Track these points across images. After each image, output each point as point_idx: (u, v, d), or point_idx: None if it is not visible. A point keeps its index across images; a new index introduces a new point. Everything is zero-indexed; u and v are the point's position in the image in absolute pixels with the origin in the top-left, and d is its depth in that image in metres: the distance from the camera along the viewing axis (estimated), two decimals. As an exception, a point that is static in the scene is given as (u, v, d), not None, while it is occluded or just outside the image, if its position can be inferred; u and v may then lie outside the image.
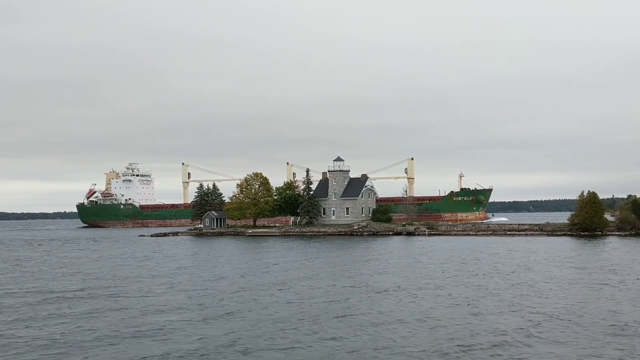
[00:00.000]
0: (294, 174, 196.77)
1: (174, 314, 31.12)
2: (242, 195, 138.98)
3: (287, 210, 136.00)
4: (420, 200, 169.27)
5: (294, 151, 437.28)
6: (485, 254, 64.75)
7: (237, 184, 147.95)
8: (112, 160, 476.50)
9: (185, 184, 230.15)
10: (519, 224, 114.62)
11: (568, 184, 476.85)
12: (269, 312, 31.29)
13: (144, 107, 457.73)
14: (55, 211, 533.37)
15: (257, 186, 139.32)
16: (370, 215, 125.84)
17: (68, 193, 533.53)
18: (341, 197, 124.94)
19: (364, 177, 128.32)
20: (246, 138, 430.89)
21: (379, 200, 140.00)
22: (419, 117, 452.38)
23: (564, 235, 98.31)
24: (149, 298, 36.72)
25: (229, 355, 22.63)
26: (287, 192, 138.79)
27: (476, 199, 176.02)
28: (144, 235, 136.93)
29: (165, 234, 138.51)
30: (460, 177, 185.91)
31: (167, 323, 28.53)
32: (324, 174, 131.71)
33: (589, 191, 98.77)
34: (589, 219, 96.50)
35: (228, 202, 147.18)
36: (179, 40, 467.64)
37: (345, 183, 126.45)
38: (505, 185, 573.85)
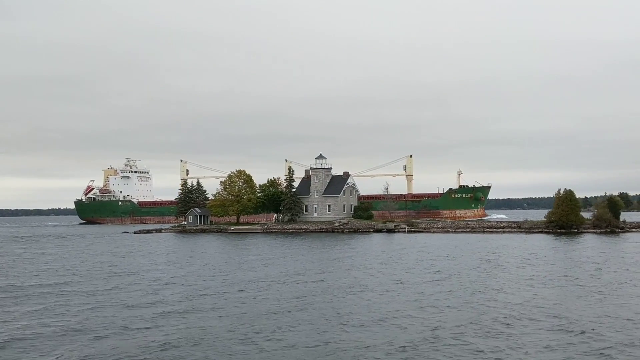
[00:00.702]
0: (293, 171, 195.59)
1: (135, 309, 31.59)
2: (225, 193, 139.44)
3: (270, 207, 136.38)
4: (419, 198, 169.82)
5: (293, 148, 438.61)
6: (457, 251, 65.58)
7: (221, 182, 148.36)
8: (106, 157, 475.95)
9: (184, 180, 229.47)
10: (497, 222, 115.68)
11: (563, 182, 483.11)
12: (222, 310, 31.79)
13: (139, 103, 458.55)
14: (50, 207, 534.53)
15: (240, 183, 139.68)
16: (351, 212, 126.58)
17: (62, 190, 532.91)
18: (323, 194, 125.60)
19: (346, 175, 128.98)
20: (244, 135, 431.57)
21: (361, 198, 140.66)
22: (414, 115, 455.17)
23: (541, 232, 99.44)
24: (105, 295, 37.16)
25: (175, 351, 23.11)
26: (271, 189, 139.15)
27: (475, 196, 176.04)
28: (128, 232, 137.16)
29: (148, 231, 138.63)
30: (459, 174, 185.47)
31: (128, 318, 29.02)
32: (306, 171, 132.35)
33: (565, 189, 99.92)
34: (565, 216, 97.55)
35: (211, 199, 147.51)
36: (173, 36, 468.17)
37: (327, 180, 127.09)
38: (499, 183, 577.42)
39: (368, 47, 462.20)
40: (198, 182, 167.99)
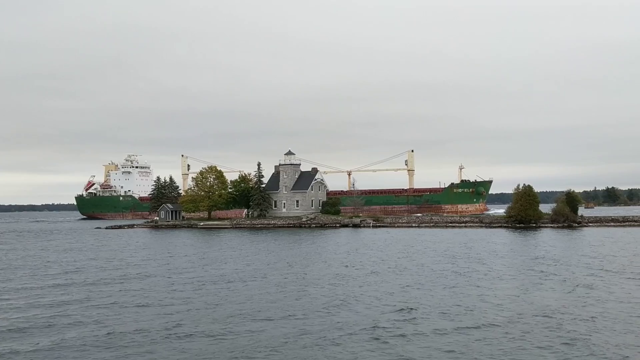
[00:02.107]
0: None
1: (75, 304, 32.68)
2: (196, 188, 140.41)
3: (241, 203, 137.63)
4: (420, 192, 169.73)
5: (292, 142, 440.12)
6: (406, 247, 67.33)
7: (192, 178, 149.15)
8: (101, 152, 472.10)
9: (185, 175, 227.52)
10: (459, 217, 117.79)
11: (556, 176, 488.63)
12: (164, 303, 32.98)
13: (131, 98, 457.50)
14: (43, 203, 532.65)
15: (211, 179, 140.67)
16: (320, 207, 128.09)
17: (55, 185, 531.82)
18: (291, 190, 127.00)
19: (314, 171, 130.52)
20: (243, 132, 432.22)
21: (330, 194, 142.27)
22: (410, 111, 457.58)
23: (501, 227, 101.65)
24: (43, 289, 38.21)
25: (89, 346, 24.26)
26: (242, 185, 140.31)
27: (476, 190, 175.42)
28: (100, 228, 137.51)
29: (120, 227, 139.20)
30: (460, 169, 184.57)
31: (59, 313, 30.11)
32: (276, 167, 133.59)
33: (524, 184, 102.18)
34: (524, 211, 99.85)
35: (183, 194, 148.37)
36: (165, 32, 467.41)
37: (296, 176, 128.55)
38: (502, 178, 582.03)
39: (363, 45, 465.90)
40: (171, 178, 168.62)
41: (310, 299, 32.64)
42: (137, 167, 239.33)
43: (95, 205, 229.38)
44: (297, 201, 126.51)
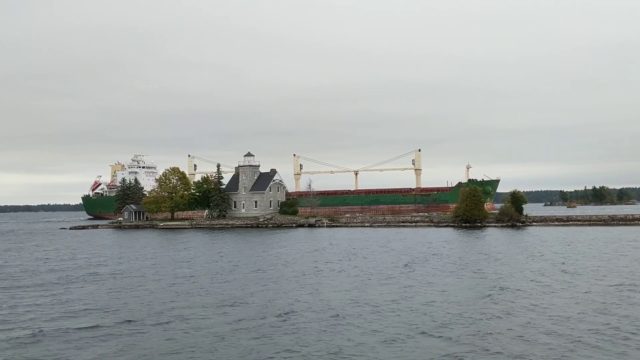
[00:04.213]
0: (300, 165, 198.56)
1: None
2: (159, 189, 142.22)
3: (203, 203, 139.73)
4: (428, 192, 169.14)
5: (291, 142, 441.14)
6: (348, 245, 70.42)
7: (155, 179, 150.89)
8: (99, 153, 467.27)
9: (191, 175, 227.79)
10: (411, 216, 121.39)
11: (551, 175, 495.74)
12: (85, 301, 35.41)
13: (127, 98, 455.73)
14: (39, 204, 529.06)
15: (174, 180, 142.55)
16: (278, 208, 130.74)
17: (52, 186, 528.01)
18: (250, 190, 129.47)
19: (273, 172, 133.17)
20: (243, 130, 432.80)
21: (290, 195, 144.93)
22: (406, 110, 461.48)
23: (447, 226, 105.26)
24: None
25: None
26: (204, 186, 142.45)
27: (484, 189, 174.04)
28: (65, 228, 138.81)
29: (84, 227, 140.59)
30: (468, 168, 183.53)
31: None
32: (236, 168, 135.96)
33: (468, 184, 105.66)
34: (469, 211, 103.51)
35: (146, 195, 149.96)
36: (162, 31, 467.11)
37: (255, 177, 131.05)
38: (509, 177, 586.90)
39: (360, 44, 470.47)
40: (136, 179, 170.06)
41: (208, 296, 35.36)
42: (143, 167, 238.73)
43: (102, 206, 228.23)
44: (256, 202, 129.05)
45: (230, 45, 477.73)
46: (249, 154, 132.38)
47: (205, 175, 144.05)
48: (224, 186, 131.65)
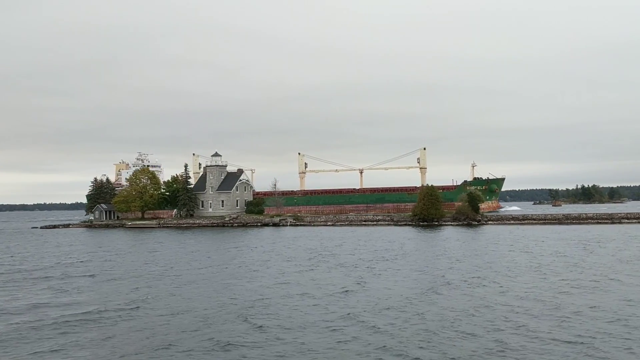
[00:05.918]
0: (305, 164, 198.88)
1: None
2: (129, 189, 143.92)
3: (173, 203, 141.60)
4: None
5: (292, 141, 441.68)
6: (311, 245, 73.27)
7: (126, 179, 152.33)
8: (97, 152, 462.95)
9: (197, 174, 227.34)
10: (373, 215, 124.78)
11: (551, 174, 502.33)
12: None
13: (123, 96, 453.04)
14: (35, 203, 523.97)
15: (144, 180, 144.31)
16: (245, 207, 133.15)
17: (48, 185, 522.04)
18: (217, 190, 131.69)
19: (240, 172, 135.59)
20: (244, 129, 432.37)
21: (257, 194, 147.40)
22: (404, 109, 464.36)
23: (406, 225, 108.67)
24: None
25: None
26: (174, 185, 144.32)
27: (489, 188, 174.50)
28: (36, 227, 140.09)
29: (55, 226, 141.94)
30: (473, 166, 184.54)
31: None
32: (204, 168, 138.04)
33: (427, 184, 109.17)
34: (426, 210, 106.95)
35: (117, 195, 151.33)
36: (160, 30, 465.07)
37: (222, 177, 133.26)
38: (516, 175, 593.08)
39: (359, 44, 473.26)
40: (107, 179, 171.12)
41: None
42: (148, 165, 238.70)
43: None
44: (223, 201, 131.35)
45: (228, 44, 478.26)
46: (216, 154, 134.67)
47: (175, 175, 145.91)
48: (191, 186, 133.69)
